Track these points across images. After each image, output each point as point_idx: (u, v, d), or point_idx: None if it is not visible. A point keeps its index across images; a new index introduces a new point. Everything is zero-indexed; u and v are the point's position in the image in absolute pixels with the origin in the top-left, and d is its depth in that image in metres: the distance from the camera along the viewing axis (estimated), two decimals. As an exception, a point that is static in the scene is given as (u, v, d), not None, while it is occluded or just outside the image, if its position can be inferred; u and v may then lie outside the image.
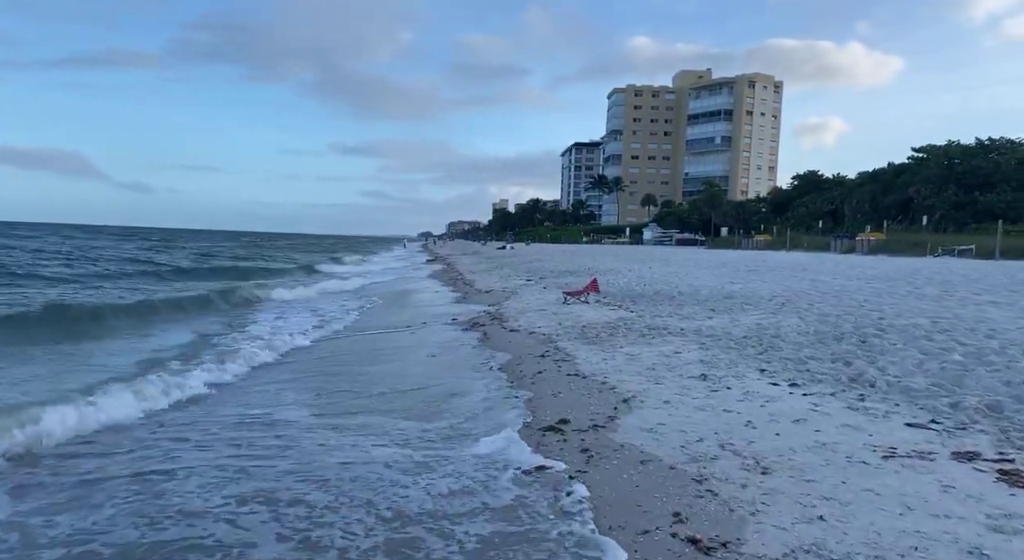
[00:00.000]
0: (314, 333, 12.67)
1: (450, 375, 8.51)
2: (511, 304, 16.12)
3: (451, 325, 13.40)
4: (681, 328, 10.41)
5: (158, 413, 6.99)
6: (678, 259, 32.28)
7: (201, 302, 17.15)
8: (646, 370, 7.88)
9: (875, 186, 68.30)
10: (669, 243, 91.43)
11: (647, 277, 20.51)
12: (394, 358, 10.11)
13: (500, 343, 10.64)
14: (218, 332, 12.70)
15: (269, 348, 10.58)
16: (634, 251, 53.68)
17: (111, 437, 6.14)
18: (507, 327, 12.26)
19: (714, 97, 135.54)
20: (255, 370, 9.25)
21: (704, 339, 9.54)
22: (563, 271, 26.82)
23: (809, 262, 27.47)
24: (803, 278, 17.81)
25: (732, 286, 16.29)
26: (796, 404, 6.18)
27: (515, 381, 7.84)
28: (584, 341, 10.05)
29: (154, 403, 7.17)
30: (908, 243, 38.56)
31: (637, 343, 9.57)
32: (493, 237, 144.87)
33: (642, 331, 10.46)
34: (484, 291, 20.19)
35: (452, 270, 33.97)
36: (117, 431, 6.32)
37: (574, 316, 13.13)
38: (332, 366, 9.52)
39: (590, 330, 11.01)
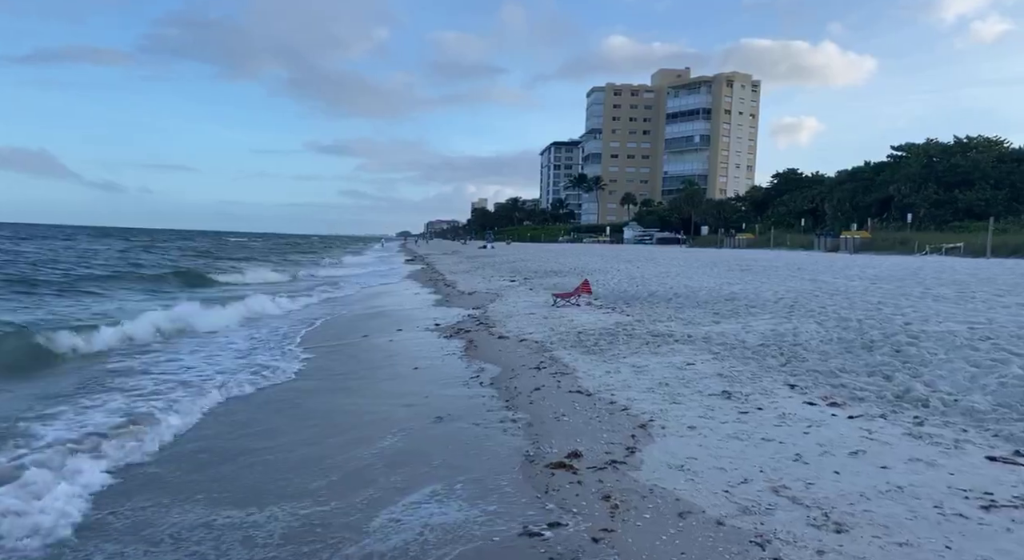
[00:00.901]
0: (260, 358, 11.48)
1: (435, 396, 7.47)
2: (497, 307, 15.10)
3: (433, 331, 12.34)
4: (688, 335, 9.48)
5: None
6: (664, 258, 31.51)
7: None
8: (658, 386, 6.91)
9: (855, 184, 68.36)
10: (650, 242, 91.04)
11: (637, 277, 19.61)
12: (365, 377, 9.03)
13: (489, 352, 9.63)
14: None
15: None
16: (617, 250, 52.99)
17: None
18: (495, 333, 11.25)
19: (693, 96, 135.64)
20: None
21: (716, 348, 8.61)
22: (548, 271, 25.87)
23: (801, 261, 26.83)
24: (802, 278, 17.04)
25: (731, 287, 15.44)
26: (845, 430, 5.25)
27: (510, 400, 6.83)
28: (582, 350, 9.07)
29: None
30: (894, 241, 38.24)
31: (642, 352, 8.61)
32: (472, 236, 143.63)
33: (645, 338, 9.50)
34: (467, 293, 19.15)
35: (432, 270, 32.84)
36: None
37: (567, 321, 12.15)
38: (281, 404, 7.12)
39: (587, 337, 10.04)
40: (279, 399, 7.49)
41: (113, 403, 6.86)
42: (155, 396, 7.19)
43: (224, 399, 7.40)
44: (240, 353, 10.38)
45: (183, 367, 9.09)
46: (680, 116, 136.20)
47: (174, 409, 6.62)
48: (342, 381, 8.35)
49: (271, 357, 10.01)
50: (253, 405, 7.26)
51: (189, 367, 9.09)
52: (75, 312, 14.14)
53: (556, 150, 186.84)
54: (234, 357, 9.98)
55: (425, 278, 27.95)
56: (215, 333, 12.28)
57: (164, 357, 9.80)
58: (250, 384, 8.10)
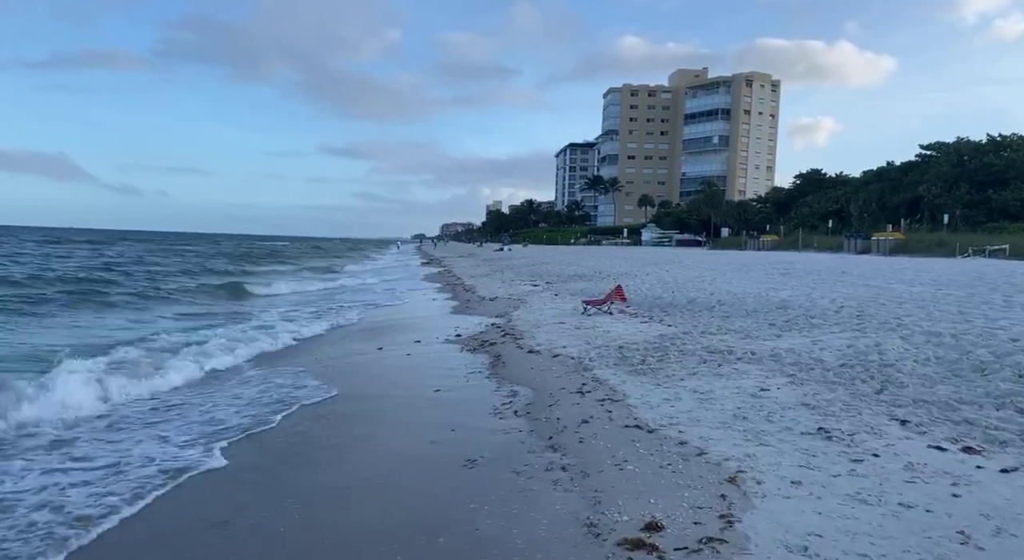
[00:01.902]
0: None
1: (463, 429, 6.28)
2: (522, 315, 13.91)
3: (453, 343, 11.17)
4: (751, 352, 8.22)
5: None
6: (691, 261, 30.13)
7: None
8: (734, 419, 5.68)
9: (882, 185, 66.45)
10: (669, 244, 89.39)
11: (670, 282, 18.32)
12: (380, 402, 7.87)
13: (519, 371, 8.43)
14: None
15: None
16: (639, 253, 51.59)
17: None
18: (523, 346, 10.05)
19: (711, 96, 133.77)
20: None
21: (789, 368, 7.35)
22: (571, 275, 24.63)
23: (839, 264, 25.36)
24: (853, 283, 15.67)
25: (777, 293, 14.12)
26: (1007, 492, 4.00)
27: (553, 436, 5.62)
28: (629, 369, 7.85)
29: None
30: (930, 243, 36.51)
31: (701, 373, 7.37)
32: (488, 239, 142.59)
33: (701, 356, 8.26)
34: (488, 299, 17.97)
35: (449, 274, 31.72)
36: None
37: (602, 331, 10.93)
38: (278, 442, 5.82)
39: (631, 352, 8.81)
40: (278, 433, 6.34)
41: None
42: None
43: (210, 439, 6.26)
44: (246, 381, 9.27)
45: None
46: (698, 116, 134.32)
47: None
48: (354, 405, 7.18)
49: (270, 374, 8.88)
50: (245, 445, 6.11)
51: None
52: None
53: (571, 152, 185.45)
54: (231, 399, 8.84)
55: (443, 282, 26.82)
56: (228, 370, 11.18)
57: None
58: (240, 414, 6.96)
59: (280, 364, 9.73)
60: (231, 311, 17.13)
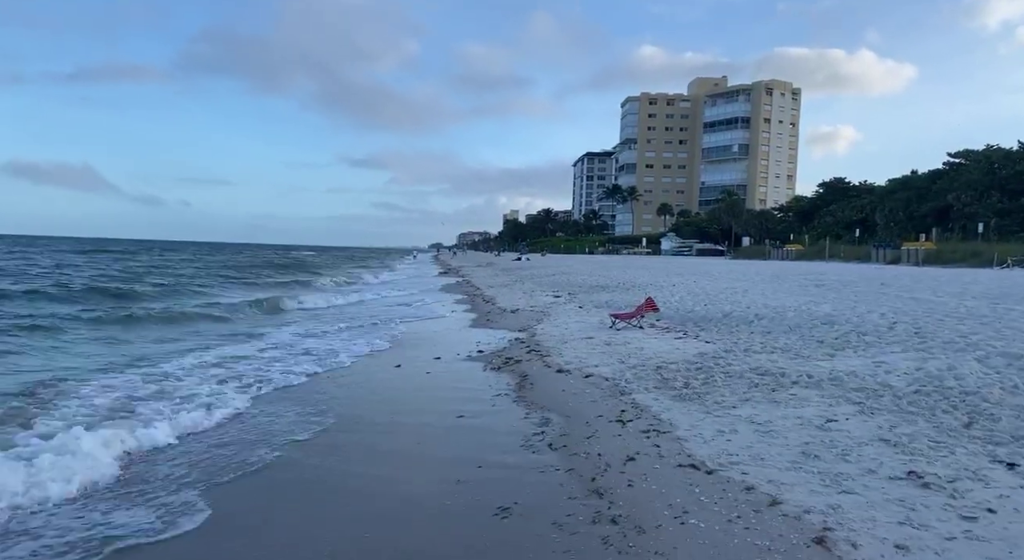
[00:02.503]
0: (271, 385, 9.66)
1: (491, 466, 5.56)
2: (546, 329, 13.19)
3: (475, 360, 10.48)
4: (807, 374, 7.42)
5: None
6: (717, 271, 29.22)
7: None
8: (804, 458, 4.91)
9: (908, 193, 64.96)
10: (689, 253, 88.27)
11: (700, 294, 17.49)
12: (397, 430, 7.18)
13: (548, 393, 7.70)
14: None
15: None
16: (660, 262, 50.63)
17: None
18: (551, 365, 9.33)
19: (730, 104, 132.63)
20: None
21: (854, 394, 6.55)
22: (593, 285, 23.86)
23: (874, 274, 24.36)
24: (898, 296, 14.75)
25: (818, 307, 13.26)
26: None
27: (596, 478, 4.88)
28: (672, 394, 7.09)
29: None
30: (965, 253, 35.25)
31: (754, 399, 6.60)
32: (505, 248, 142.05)
33: (750, 378, 7.48)
34: (509, 311, 17.26)
35: (468, 285, 31.07)
36: None
37: (635, 348, 10.18)
38: (276, 477, 5.15)
39: (671, 373, 8.05)
40: (270, 473, 5.65)
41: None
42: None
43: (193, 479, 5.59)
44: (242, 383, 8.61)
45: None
46: (718, 125, 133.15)
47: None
48: (367, 435, 6.48)
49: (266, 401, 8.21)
50: (242, 483, 5.42)
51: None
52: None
53: (589, 161, 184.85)
54: (242, 431, 8.19)
55: (462, 293, 26.16)
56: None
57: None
58: (231, 453, 6.28)
59: (291, 388, 9.08)
60: (245, 331, 15.63)
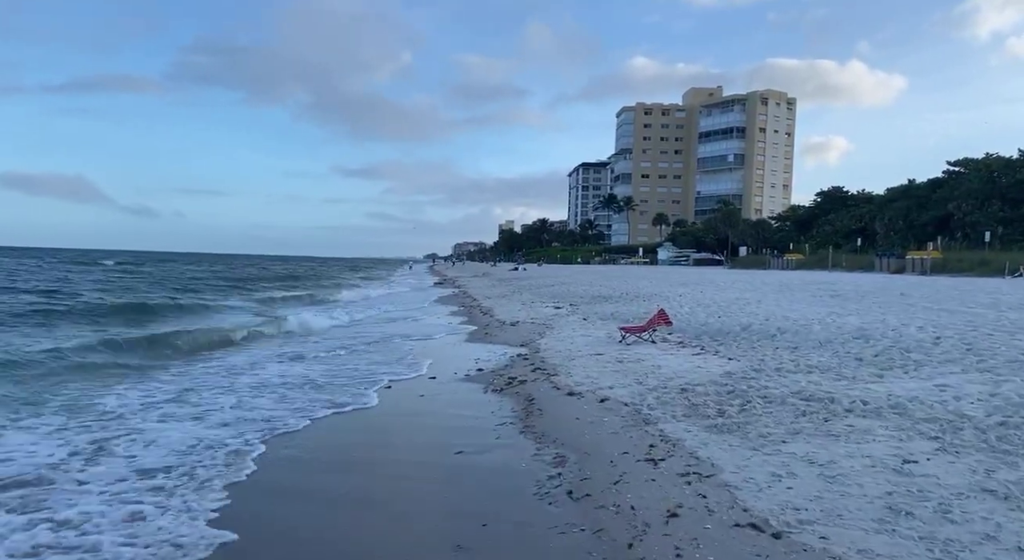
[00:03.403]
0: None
1: (498, 522, 4.53)
2: (550, 344, 12.17)
3: (475, 380, 9.45)
4: (861, 400, 6.41)
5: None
6: (723, 281, 28.28)
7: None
8: (892, 515, 3.90)
9: (908, 202, 64.36)
10: (686, 263, 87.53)
11: (711, 305, 16.50)
12: (382, 471, 6.15)
13: (560, 422, 6.68)
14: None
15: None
16: (659, 272, 49.68)
17: None
18: (560, 386, 8.30)
19: (726, 114, 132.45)
20: None
21: (924, 426, 5.54)
22: (595, 296, 22.86)
23: (886, 284, 23.46)
24: (925, 307, 13.79)
25: (844, 319, 12.27)
26: None
27: (633, 544, 3.85)
28: (704, 422, 6.08)
29: None
30: (972, 262, 34.44)
31: (805, 431, 5.59)
32: (501, 258, 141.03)
33: (794, 405, 6.46)
34: (509, 323, 16.23)
35: (465, 295, 30.02)
36: None
37: (650, 366, 9.17)
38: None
39: (699, 397, 7.03)
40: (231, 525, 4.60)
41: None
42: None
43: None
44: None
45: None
46: (713, 135, 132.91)
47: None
48: (341, 478, 5.44)
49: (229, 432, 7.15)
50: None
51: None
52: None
53: (584, 171, 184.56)
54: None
55: (458, 304, 25.12)
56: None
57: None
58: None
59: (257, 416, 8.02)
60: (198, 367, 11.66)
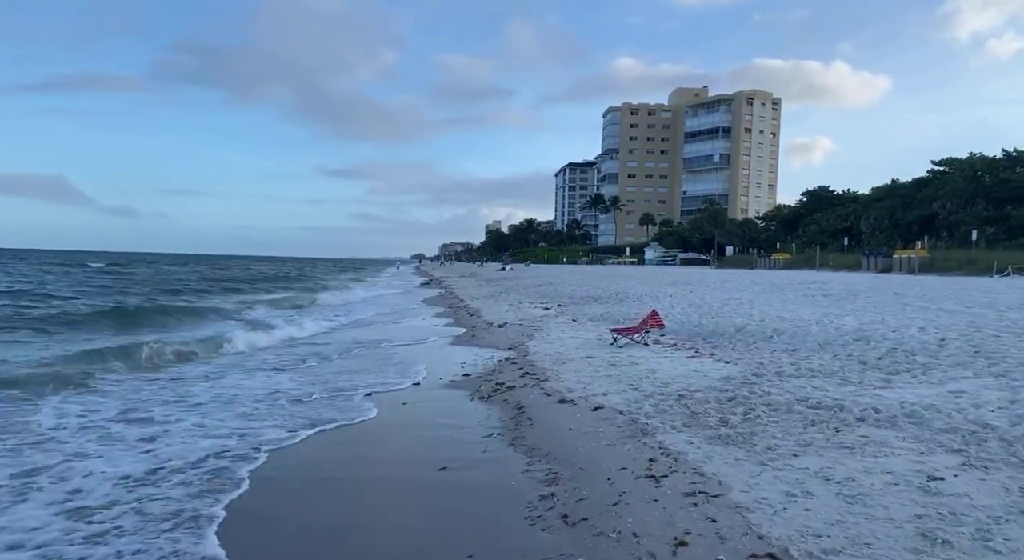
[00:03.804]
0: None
1: (481, 555, 4.08)
2: (539, 346, 11.73)
3: (460, 386, 8.99)
4: (873, 408, 6.01)
5: None
6: (712, 281, 28.00)
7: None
8: (927, 542, 3.50)
9: (893, 201, 64.68)
10: (673, 263, 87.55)
11: (702, 305, 16.13)
12: (357, 491, 5.69)
13: (551, 433, 6.24)
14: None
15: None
16: (647, 272, 49.43)
17: None
18: (550, 392, 7.86)
19: (711, 114, 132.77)
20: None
21: (944, 437, 5.16)
22: (584, 296, 22.47)
23: (876, 283, 23.27)
24: (921, 307, 13.51)
25: (840, 319, 11.94)
26: None
27: (639, 578, 3.42)
28: (706, 432, 5.66)
29: None
30: (959, 261, 34.47)
31: (816, 443, 5.19)
32: (488, 258, 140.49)
33: (801, 413, 6.06)
34: (496, 324, 15.78)
35: (451, 296, 29.54)
36: None
37: (645, 370, 8.76)
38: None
39: (698, 404, 6.62)
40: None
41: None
42: None
43: None
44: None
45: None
46: (699, 135, 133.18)
47: None
48: (314, 500, 4.97)
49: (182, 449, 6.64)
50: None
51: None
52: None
53: (571, 171, 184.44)
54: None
55: (444, 305, 24.63)
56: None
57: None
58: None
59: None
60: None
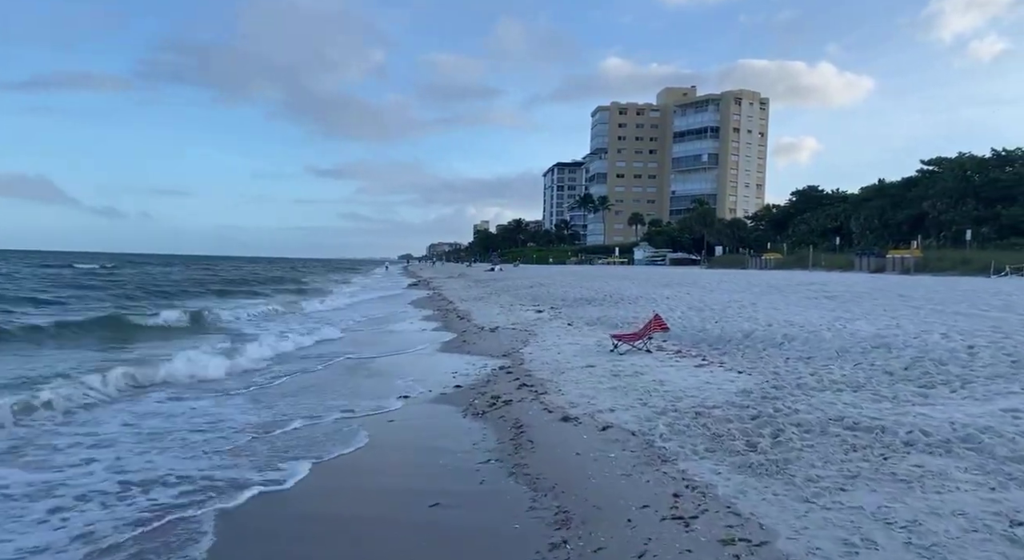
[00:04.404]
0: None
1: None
2: (535, 353, 11.01)
3: (451, 400, 8.25)
4: (920, 431, 5.33)
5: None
6: (706, 282, 27.39)
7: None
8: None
9: (883, 201, 64.54)
10: (663, 263, 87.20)
11: (703, 308, 15.46)
12: (335, 536, 4.95)
13: (556, 459, 5.52)
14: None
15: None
16: (638, 272, 48.81)
17: None
18: (551, 408, 7.14)
19: (700, 114, 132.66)
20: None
21: (1011, 466, 4.49)
22: (577, 298, 21.77)
23: (876, 284, 22.76)
24: (934, 310, 12.91)
25: (852, 324, 11.30)
26: None
27: None
28: (733, 458, 4.97)
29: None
30: (954, 261, 34.13)
31: (863, 474, 4.50)
32: (476, 258, 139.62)
33: (838, 434, 5.38)
34: (488, 329, 15.03)
35: (440, 298, 28.74)
36: None
37: (652, 381, 8.06)
38: None
39: (718, 423, 5.93)
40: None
41: None
42: None
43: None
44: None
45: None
46: (687, 135, 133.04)
47: None
48: (284, 547, 4.22)
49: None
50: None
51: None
52: None
53: (559, 171, 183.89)
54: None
55: (433, 307, 23.84)
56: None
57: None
58: None
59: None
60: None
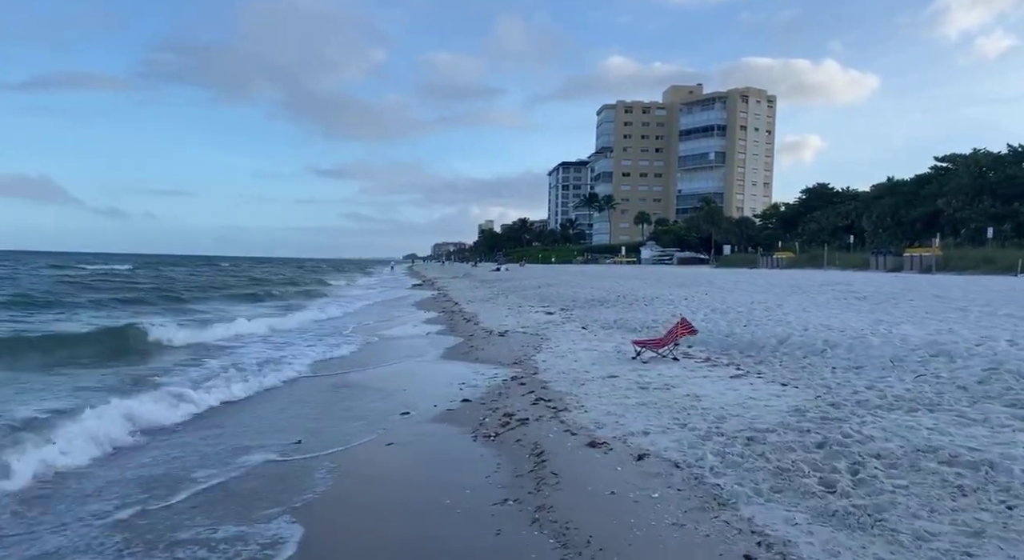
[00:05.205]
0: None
1: None
2: (549, 361, 10.03)
3: (459, 419, 7.29)
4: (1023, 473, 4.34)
5: None
6: (722, 282, 26.32)
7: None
8: None
9: (895, 198, 63.37)
10: (670, 262, 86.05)
11: (727, 310, 14.43)
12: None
13: (585, 499, 4.54)
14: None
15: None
16: (647, 271, 47.72)
17: None
18: (573, 428, 6.16)
19: (706, 112, 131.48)
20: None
21: None
22: (588, 299, 20.77)
23: (902, 283, 21.68)
24: (983, 313, 11.85)
25: (898, 329, 10.26)
26: None
27: None
28: (807, 502, 3.99)
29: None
30: (976, 260, 32.96)
31: (989, 531, 3.52)
32: (481, 258, 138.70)
33: (934, 471, 4.39)
34: (496, 333, 14.06)
35: (445, 299, 27.79)
36: None
37: (686, 396, 7.09)
38: None
39: (776, 451, 4.95)
40: None
41: None
42: None
43: None
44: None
45: None
46: (694, 133, 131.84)
47: None
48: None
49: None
50: None
51: None
52: None
53: (564, 170, 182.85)
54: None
55: (438, 309, 22.87)
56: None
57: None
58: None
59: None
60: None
